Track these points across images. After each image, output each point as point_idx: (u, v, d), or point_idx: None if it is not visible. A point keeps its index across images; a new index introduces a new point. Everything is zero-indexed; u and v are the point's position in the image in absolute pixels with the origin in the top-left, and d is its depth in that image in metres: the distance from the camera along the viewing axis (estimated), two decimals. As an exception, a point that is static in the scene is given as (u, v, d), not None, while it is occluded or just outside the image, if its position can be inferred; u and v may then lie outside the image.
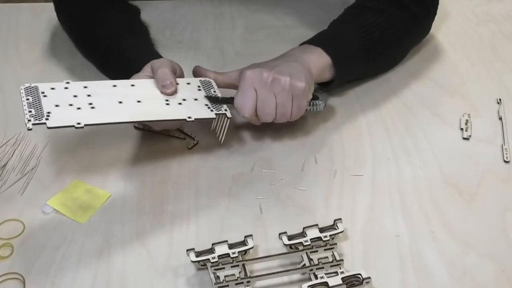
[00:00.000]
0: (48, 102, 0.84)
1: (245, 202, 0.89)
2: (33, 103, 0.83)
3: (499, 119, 1.03)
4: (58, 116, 0.82)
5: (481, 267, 0.81)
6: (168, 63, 0.93)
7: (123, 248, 0.82)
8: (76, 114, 0.83)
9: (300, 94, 0.92)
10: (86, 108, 0.85)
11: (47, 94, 0.85)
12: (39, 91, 0.86)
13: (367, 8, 1.07)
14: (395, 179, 0.93)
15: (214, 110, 0.90)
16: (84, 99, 0.86)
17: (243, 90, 0.92)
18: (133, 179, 0.92)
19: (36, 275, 0.79)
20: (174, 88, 0.90)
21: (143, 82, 0.91)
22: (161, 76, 0.90)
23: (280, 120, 0.94)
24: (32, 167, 0.93)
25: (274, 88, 0.91)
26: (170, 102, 0.90)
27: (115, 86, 0.90)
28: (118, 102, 0.87)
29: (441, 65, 1.14)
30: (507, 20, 1.26)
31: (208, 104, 0.91)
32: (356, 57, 1.03)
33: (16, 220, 0.85)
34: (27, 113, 0.81)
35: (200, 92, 0.93)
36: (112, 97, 0.88)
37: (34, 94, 0.85)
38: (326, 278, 0.75)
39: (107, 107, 0.86)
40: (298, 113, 0.94)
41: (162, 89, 0.90)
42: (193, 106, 0.90)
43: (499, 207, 0.89)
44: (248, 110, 0.91)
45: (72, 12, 1.10)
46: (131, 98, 0.88)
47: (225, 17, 1.25)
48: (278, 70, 0.92)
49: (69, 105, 0.85)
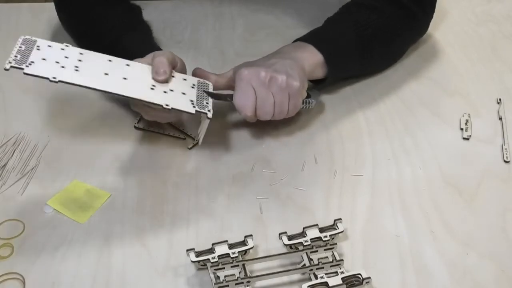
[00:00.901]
0: (37, 54, 0.84)
1: (245, 202, 0.89)
2: (24, 52, 0.83)
3: (499, 119, 1.03)
4: (38, 67, 0.82)
5: (481, 267, 0.81)
6: (169, 54, 0.93)
7: (123, 248, 0.82)
8: (56, 70, 0.83)
9: (295, 92, 0.93)
10: (69, 69, 0.84)
11: (41, 48, 0.85)
12: (35, 44, 0.86)
13: (362, 6, 1.06)
14: (395, 179, 0.93)
15: (197, 107, 0.88)
16: (73, 62, 0.86)
17: (242, 89, 0.92)
18: (133, 179, 0.92)
19: (36, 275, 0.79)
20: (166, 77, 0.89)
21: (139, 65, 0.91)
22: (157, 63, 0.90)
23: (278, 118, 0.94)
24: (32, 167, 0.93)
25: (271, 87, 0.91)
26: (156, 88, 0.88)
27: (110, 61, 0.89)
28: (104, 73, 0.86)
29: (441, 65, 1.14)
30: (507, 20, 1.26)
31: (193, 101, 0.89)
32: (349, 55, 1.03)
33: (16, 220, 0.85)
34: (12, 57, 0.82)
35: (192, 90, 0.91)
36: (101, 67, 0.87)
37: (29, 45, 0.85)
38: (326, 278, 0.75)
39: (90, 73, 0.85)
40: (294, 110, 0.95)
41: (154, 75, 0.89)
42: (177, 98, 0.88)
43: (499, 207, 0.89)
44: (249, 109, 0.92)
45: (73, 11, 1.10)
46: (118, 73, 0.87)
47: (225, 17, 1.25)
48: (274, 69, 0.92)
49: (56, 62, 0.84)
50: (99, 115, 1.01)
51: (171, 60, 0.92)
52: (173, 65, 0.92)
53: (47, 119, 1.01)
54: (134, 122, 0.99)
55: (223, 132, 0.99)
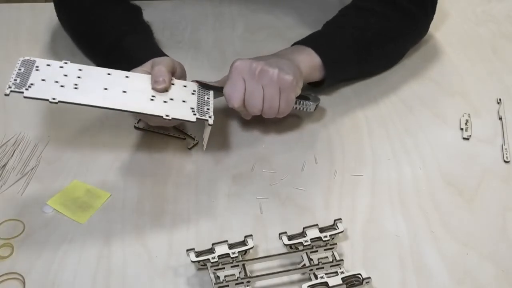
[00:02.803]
0: (36, 76, 0.85)
1: (245, 202, 0.89)
2: (23, 74, 0.84)
3: (499, 119, 1.03)
4: (38, 89, 0.83)
5: (481, 267, 0.81)
6: (169, 61, 0.92)
7: (123, 248, 0.82)
8: (56, 90, 0.84)
9: (287, 87, 0.92)
10: (69, 87, 0.85)
11: (40, 69, 0.86)
12: (34, 65, 0.86)
13: (361, 9, 1.06)
14: (395, 179, 0.93)
15: (197, 114, 0.88)
16: (72, 80, 0.86)
17: (232, 80, 0.92)
18: (133, 179, 0.92)
19: (36, 275, 0.79)
20: (165, 86, 0.89)
21: (138, 75, 0.91)
22: (156, 72, 0.90)
23: (268, 114, 0.93)
24: (32, 167, 0.93)
25: (262, 80, 0.91)
26: (156, 98, 0.88)
27: (109, 75, 0.89)
28: (103, 88, 0.87)
29: (441, 65, 1.15)
30: (507, 20, 1.26)
31: (193, 108, 0.89)
32: (347, 57, 1.03)
33: (16, 220, 0.85)
34: (12, 81, 0.83)
35: (192, 96, 0.91)
36: (100, 82, 0.88)
37: (28, 67, 0.86)
38: (326, 278, 0.75)
39: (90, 90, 0.86)
40: (286, 108, 0.94)
41: (154, 85, 0.89)
42: (177, 107, 0.88)
43: (499, 207, 0.89)
44: (236, 101, 0.91)
45: (73, 12, 1.10)
46: (118, 87, 0.88)
47: (225, 17, 1.25)
48: (267, 63, 0.92)
49: (55, 82, 0.85)
50: (99, 115, 1.01)
51: (170, 68, 0.92)
52: (173, 71, 0.92)
53: (47, 119, 1.01)
54: (134, 122, 0.99)
55: (223, 132, 0.99)
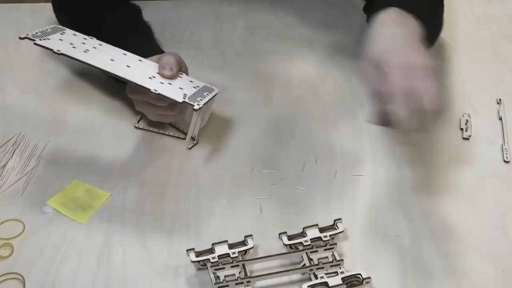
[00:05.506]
0: (57, 36, 0.88)
1: (245, 202, 0.89)
2: (47, 32, 0.88)
3: (499, 119, 1.03)
4: (50, 43, 0.85)
5: (481, 267, 0.81)
6: (178, 55, 0.93)
7: (123, 248, 0.82)
8: (65, 46, 0.86)
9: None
10: (79, 49, 0.87)
11: (65, 34, 0.89)
12: (62, 30, 0.90)
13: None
14: (395, 179, 0.93)
15: (186, 99, 0.87)
16: (86, 47, 0.89)
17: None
18: (133, 179, 0.92)
19: (36, 275, 0.79)
20: (173, 74, 0.90)
21: (150, 62, 0.92)
22: (165, 60, 0.91)
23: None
24: (32, 167, 0.93)
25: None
26: (155, 78, 0.89)
27: (125, 55, 0.92)
28: (110, 59, 0.88)
29: (442, 65, 1.14)
30: (507, 20, 1.26)
31: (186, 95, 0.88)
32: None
33: (16, 220, 0.85)
34: (33, 32, 0.85)
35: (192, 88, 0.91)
36: (110, 55, 0.90)
37: (55, 30, 0.89)
38: (326, 278, 0.75)
39: (96, 56, 0.87)
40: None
41: (161, 71, 0.90)
42: (171, 89, 0.88)
43: (499, 207, 0.89)
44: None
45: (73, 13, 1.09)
46: (124, 61, 0.89)
47: (225, 17, 1.25)
48: None
49: (70, 44, 0.87)
50: (99, 115, 1.01)
51: (179, 60, 0.92)
52: (180, 66, 0.93)
53: (47, 119, 1.01)
54: (134, 122, 0.99)
55: (223, 132, 0.99)
